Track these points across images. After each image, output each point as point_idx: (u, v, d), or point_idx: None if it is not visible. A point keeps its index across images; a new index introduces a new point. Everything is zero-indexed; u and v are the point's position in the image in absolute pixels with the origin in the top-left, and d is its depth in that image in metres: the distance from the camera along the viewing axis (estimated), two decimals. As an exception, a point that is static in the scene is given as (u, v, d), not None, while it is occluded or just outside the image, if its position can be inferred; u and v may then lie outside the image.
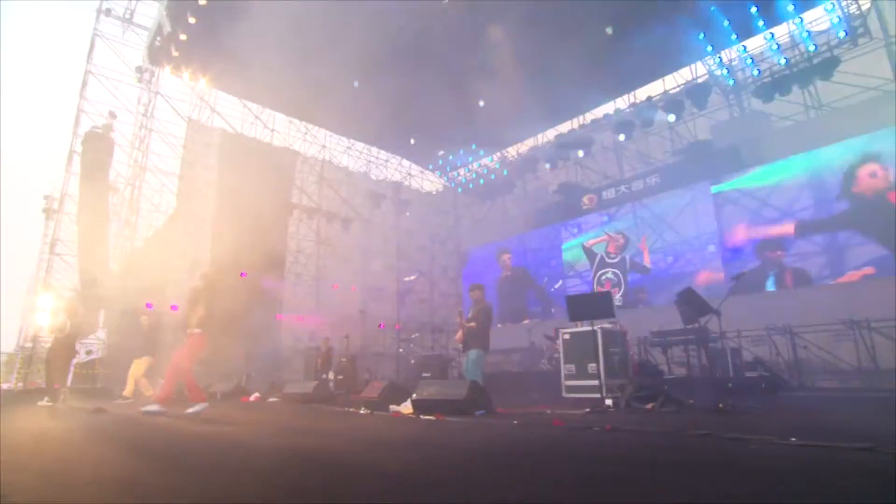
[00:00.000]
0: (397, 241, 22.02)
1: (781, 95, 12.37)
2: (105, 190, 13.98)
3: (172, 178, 16.67)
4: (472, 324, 6.15)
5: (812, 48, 11.52)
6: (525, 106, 15.58)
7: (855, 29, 11.45)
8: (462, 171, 19.20)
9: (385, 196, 20.01)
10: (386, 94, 16.58)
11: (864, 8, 11.54)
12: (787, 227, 12.16)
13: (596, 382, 5.59)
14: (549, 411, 5.44)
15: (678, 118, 14.21)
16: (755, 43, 12.33)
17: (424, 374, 10.10)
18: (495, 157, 18.89)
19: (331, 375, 11.23)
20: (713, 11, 11.44)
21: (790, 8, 11.03)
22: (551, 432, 3.81)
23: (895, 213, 10.31)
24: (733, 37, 11.90)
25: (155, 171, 15.81)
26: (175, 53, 13.64)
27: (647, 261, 14.18)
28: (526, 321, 17.70)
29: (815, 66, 11.76)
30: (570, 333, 5.91)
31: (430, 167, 19.49)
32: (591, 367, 5.62)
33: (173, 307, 12.98)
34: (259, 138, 18.55)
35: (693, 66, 14.22)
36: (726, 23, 11.60)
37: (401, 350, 21.71)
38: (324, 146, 19.29)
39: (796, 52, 12.05)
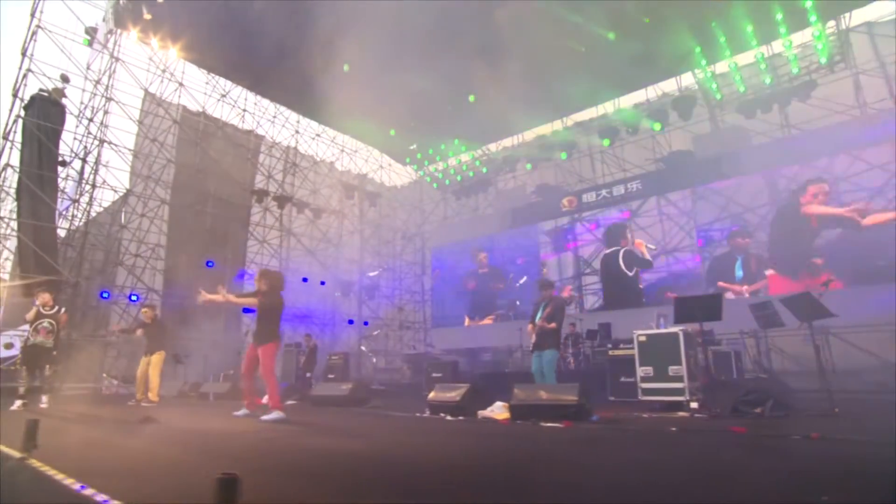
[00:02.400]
0: (363, 234, 21.27)
1: (763, 113, 13.17)
2: (53, 163, 12.18)
3: (127, 155, 14.96)
4: (553, 324, 5.93)
5: (796, 70, 12.33)
6: (513, 103, 15.54)
7: (832, 56, 12.41)
8: (440, 167, 18.81)
9: (356, 187, 19.21)
10: (369, 82, 15.91)
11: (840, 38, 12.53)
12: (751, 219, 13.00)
13: (678, 385, 5.53)
14: (645, 415, 5.31)
15: (663, 127, 14.74)
16: (743, 60, 13.01)
17: (435, 374, 9.69)
18: (475, 154, 18.70)
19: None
20: (713, 27, 11.91)
21: (782, 30, 11.72)
22: (777, 444, 3.53)
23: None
24: (727, 53, 12.48)
25: (108, 145, 14.06)
26: (147, 16, 12.19)
27: (646, 254, 14.58)
28: (490, 319, 17.74)
29: (796, 87, 12.62)
30: (647, 335, 5.81)
31: (409, 161, 18.89)
32: (673, 369, 5.55)
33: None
34: (223, 119, 17.13)
35: (678, 77, 14.85)
36: (723, 39, 12.13)
37: (363, 348, 21.00)
38: (297, 132, 18.14)
39: (777, 73, 12.89)
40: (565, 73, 14.67)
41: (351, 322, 18.68)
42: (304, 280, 16.82)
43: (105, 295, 12.65)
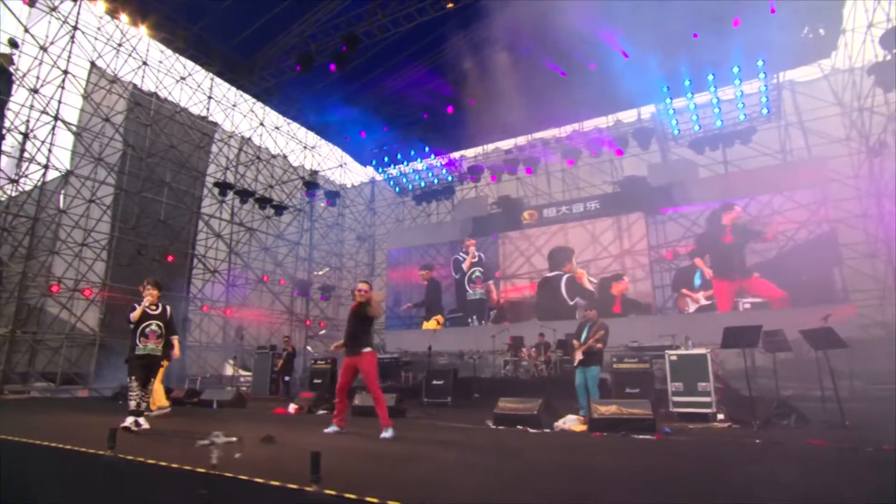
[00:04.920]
0: (320, 232, 20.76)
1: (711, 150, 14.88)
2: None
3: (67, 132, 13.48)
4: (600, 344, 6.49)
5: (742, 117, 14.10)
6: (486, 115, 16.10)
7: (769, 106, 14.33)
8: (406, 170, 18.88)
9: (318, 186, 18.71)
10: (346, 85, 15.71)
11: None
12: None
13: (706, 399, 6.33)
14: (691, 426, 5.98)
15: (623, 153, 16.07)
16: (697, 100, 14.59)
17: (435, 383, 9.90)
18: (441, 161, 18.99)
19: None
20: (682, 70, 13.28)
21: (736, 82, 13.38)
22: (866, 456, 4.15)
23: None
24: (689, 95, 13.95)
25: (50, 120, 12.59)
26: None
27: (587, 285, 15.73)
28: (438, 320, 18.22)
29: (740, 131, 14.42)
30: (678, 355, 6.57)
31: (374, 162, 18.74)
32: (702, 385, 6.34)
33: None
34: (176, 102, 15.97)
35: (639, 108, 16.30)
36: (687, 82, 13.57)
37: (308, 348, 20.46)
38: (262, 123, 17.31)
39: (726, 117, 14.63)
40: (542, 93, 15.53)
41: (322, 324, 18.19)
42: (263, 279, 16.12)
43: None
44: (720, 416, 6.22)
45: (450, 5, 12.52)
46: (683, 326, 12.55)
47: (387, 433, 4.93)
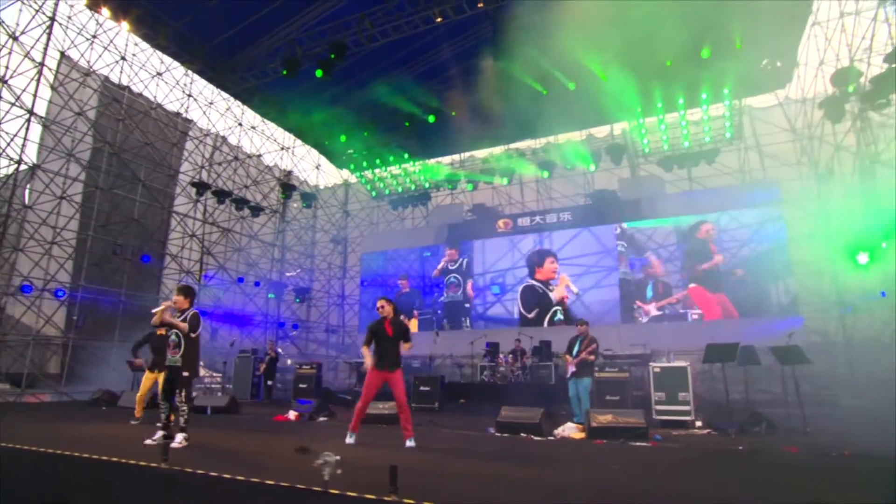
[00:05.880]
0: (295, 233, 20.62)
1: (679, 168, 15.82)
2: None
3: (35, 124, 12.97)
4: (592, 357, 6.99)
5: (709, 139, 15.09)
6: (466, 124, 16.54)
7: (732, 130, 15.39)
8: (384, 175, 19.04)
9: (294, 187, 18.59)
10: (325, 85, 15.69)
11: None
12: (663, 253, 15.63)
13: (686, 408, 6.93)
14: (675, 433, 6.52)
15: (595, 167, 16.83)
16: (669, 119, 15.47)
17: (423, 388, 10.20)
18: (417, 166, 19.24)
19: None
20: (655, 93, 14.11)
21: (704, 107, 14.32)
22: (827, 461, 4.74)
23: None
24: (660, 116, 14.81)
25: (23, 113, 12.12)
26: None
27: (573, 288, 16.37)
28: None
29: (705, 151, 15.41)
30: (661, 367, 7.15)
31: (352, 167, 18.79)
32: (682, 395, 6.93)
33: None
34: (148, 97, 15.58)
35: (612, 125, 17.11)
36: (660, 104, 14.41)
37: (279, 350, 20.26)
38: (239, 123, 17.08)
39: (693, 139, 15.60)
40: (521, 107, 16.08)
41: (296, 327, 18.06)
42: (240, 280, 15.94)
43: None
44: (698, 423, 6.82)
45: (438, 19, 12.82)
46: (647, 335, 13.41)
47: (410, 442, 5.29)
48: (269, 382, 11.64)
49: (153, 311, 5.52)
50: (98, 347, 12.62)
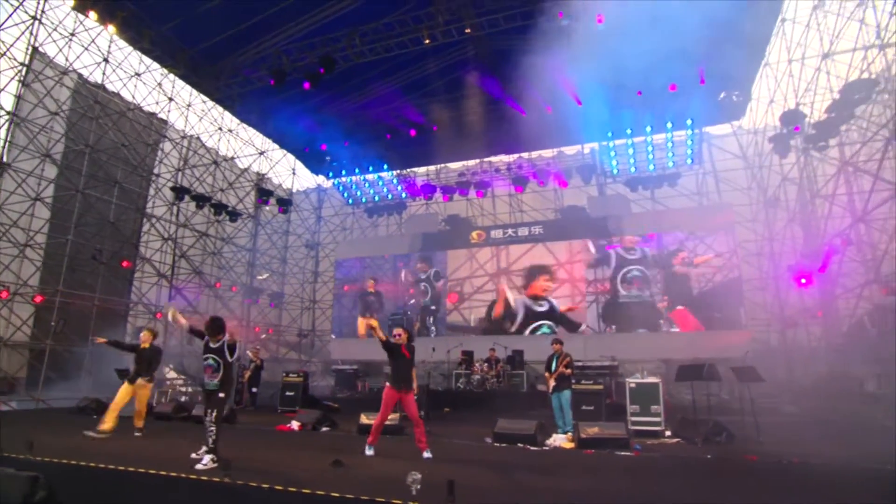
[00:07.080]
0: (270, 238, 20.59)
1: (644, 189, 16.96)
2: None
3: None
4: (569, 370, 7.74)
5: (671, 164, 16.28)
6: (444, 138, 17.14)
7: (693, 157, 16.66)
8: (357, 180, 19.36)
9: (271, 192, 18.62)
10: (307, 93, 15.88)
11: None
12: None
13: (657, 419, 7.78)
14: (649, 441, 7.33)
15: (568, 185, 17.77)
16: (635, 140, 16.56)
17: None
18: (394, 174, 19.66)
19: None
20: (625, 118, 15.16)
21: (668, 135, 15.49)
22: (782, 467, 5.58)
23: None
24: (628, 141, 15.88)
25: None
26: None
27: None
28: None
29: (668, 174, 16.61)
30: (637, 383, 7.98)
31: (331, 174, 19.01)
32: (654, 408, 7.78)
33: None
34: (128, 97, 15.37)
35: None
36: (629, 130, 15.47)
37: (248, 353, 20.21)
38: (220, 128, 17.01)
39: (657, 163, 16.78)
40: (498, 124, 16.86)
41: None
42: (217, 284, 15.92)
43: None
44: (668, 433, 7.68)
45: (427, 41, 13.32)
46: (612, 346, 14.28)
47: (427, 454, 5.82)
48: (254, 389, 11.83)
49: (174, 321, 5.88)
50: (72, 353, 12.43)
